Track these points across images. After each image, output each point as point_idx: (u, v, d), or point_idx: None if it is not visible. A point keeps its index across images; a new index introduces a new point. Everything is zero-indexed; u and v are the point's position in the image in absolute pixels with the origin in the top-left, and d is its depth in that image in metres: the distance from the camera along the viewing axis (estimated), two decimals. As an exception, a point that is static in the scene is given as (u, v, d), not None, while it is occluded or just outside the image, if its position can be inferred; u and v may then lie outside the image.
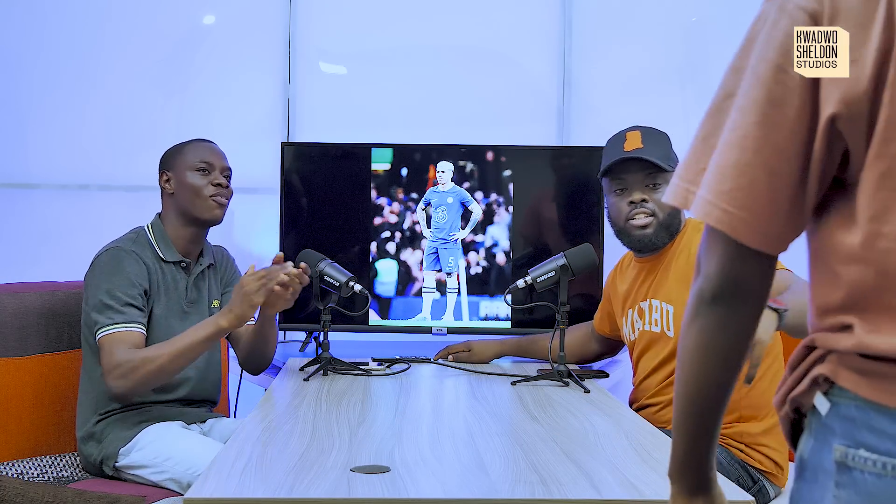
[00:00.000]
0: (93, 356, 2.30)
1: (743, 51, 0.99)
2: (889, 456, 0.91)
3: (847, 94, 0.92)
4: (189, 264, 2.42)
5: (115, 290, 2.24)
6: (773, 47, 0.95)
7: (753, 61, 0.97)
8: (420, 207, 2.95)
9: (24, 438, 2.35)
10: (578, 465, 1.53)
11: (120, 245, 2.33)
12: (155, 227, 2.41)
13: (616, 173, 2.30)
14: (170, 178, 2.43)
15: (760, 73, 0.96)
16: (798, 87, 0.94)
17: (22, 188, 3.26)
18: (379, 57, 3.34)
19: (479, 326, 2.95)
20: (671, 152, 2.32)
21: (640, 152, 2.25)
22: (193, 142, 2.49)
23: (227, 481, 1.42)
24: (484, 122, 3.29)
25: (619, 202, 2.31)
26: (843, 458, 0.94)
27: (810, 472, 0.99)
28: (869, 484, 0.92)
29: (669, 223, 2.29)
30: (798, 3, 0.95)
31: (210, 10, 3.36)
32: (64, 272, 2.63)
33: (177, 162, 2.44)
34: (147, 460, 2.21)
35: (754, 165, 0.95)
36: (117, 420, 2.28)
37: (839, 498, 0.94)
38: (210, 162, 2.43)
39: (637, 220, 2.28)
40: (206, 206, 2.40)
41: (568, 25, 3.32)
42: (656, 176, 2.27)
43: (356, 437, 1.71)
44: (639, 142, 2.27)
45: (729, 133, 0.97)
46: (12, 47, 3.26)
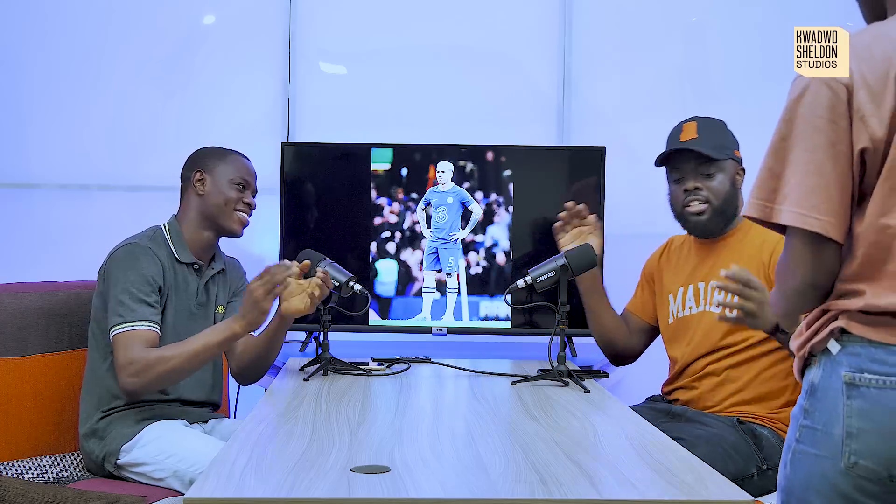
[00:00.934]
0: (99, 351, 2.30)
1: (791, 107, 1.44)
2: (887, 375, 1.38)
3: (872, 135, 1.40)
4: (201, 267, 2.43)
5: (130, 286, 2.25)
6: (824, 107, 1.41)
7: (808, 117, 1.42)
8: (420, 207, 2.95)
9: (24, 438, 2.35)
10: (578, 465, 1.53)
11: (137, 241, 2.34)
12: (171, 227, 2.42)
13: (672, 163, 2.42)
14: (204, 180, 2.43)
15: (818, 125, 1.41)
16: (845, 132, 1.41)
17: (22, 188, 3.26)
18: (379, 57, 3.34)
19: (479, 326, 2.95)
20: (727, 140, 2.41)
21: (692, 143, 2.36)
22: (236, 153, 2.50)
23: (227, 481, 1.42)
24: (484, 122, 3.29)
25: (676, 190, 2.43)
26: (851, 380, 1.40)
27: (821, 392, 1.44)
28: (873, 394, 1.38)
29: (724, 209, 2.38)
30: (839, 79, 1.42)
31: (210, 10, 3.36)
32: (64, 272, 2.63)
33: (217, 168, 2.44)
34: (149, 457, 2.21)
35: (830, 186, 1.40)
36: (120, 417, 2.28)
37: (850, 406, 1.39)
38: (248, 181, 2.47)
39: (692, 206, 2.39)
40: (232, 219, 2.43)
41: (568, 25, 3.32)
42: (710, 165, 2.37)
43: (356, 437, 1.71)
44: (694, 132, 2.39)
45: (804, 165, 1.41)
46: (13, 47, 3.27)
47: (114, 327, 2.22)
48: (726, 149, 2.39)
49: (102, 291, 2.30)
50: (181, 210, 2.46)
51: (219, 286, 2.48)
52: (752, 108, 2.93)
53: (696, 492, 1.40)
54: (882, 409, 1.37)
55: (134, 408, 2.30)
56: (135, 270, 2.27)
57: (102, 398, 2.30)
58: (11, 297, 2.37)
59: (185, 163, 2.50)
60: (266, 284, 2.18)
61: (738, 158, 2.42)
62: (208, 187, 2.42)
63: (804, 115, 1.42)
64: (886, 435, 1.37)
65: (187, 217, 2.44)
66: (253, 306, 2.18)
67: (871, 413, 1.38)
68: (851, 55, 1.44)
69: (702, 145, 2.36)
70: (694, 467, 1.53)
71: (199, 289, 2.41)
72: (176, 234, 2.41)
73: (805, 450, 1.46)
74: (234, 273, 2.55)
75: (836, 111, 1.41)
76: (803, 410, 1.46)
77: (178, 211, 2.47)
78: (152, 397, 2.32)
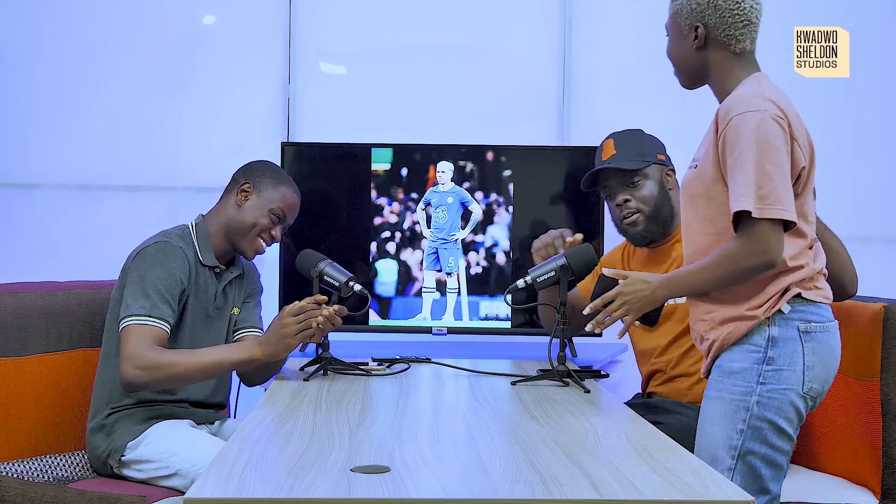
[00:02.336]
0: (115, 347, 2.29)
1: (753, 136, 1.84)
2: (824, 322, 1.93)
3: (805, 158, 1.92)
4: (222, 271, 2.42)
5: (158, 282, 2.24)
6: (779, 134, 1.85)
7: (771, 141, 1.84)
8: (420, 207, 2.95)
9: (25, 438, 2.35)
10: (578, 465, 1.53)
11: (169, 239, 2.33)
12: (199, 229, 2.41)
13: (601, 182, 2.50)
14: (249, 194, 2.41)
15: (778, 146, 1.85)
16: (792, 154, 1.88)
17: (22, 188, 3.27)
18: (379, 57, 3.34)
19: (479, 326, 2.95)
20: (645, 148, 2.46)
21: (612, 160, 2.44)
22: (291, 189, 2.47)
23: (227, 481, 1.42)
24: (484, 121, 3.29)
25: (611, 206, 2.52)
26: (805, 329, 1.90)
27: (782, 342, 1.89)
28: (820, 335, 1.92)
29: (656, 214, 2.44)
30: (779, 115, 1.86)
31: (210, 10, 3.36)
32: (64, 272, 2.63)
33: (269, 190, 2.42)
34: (153, 455, 2.22)
35: (789, 190, 1.86)
36: (128, 415, 2.29)
37: (808, 346, 1.90)
38: (287, 217, 2.45)
39: (627, 219, 2.45)
40: (251, 244, 2.42)
41: (568, 25, 3.32)
42: (634, 175, 2.44)
43: (356, 437, 1.71)
44: (612, 149, 2.46)
45: (778, 175, 1.84)
46: (13, 47, 3.27)
47: (130, 316, 2.20)
48: (645, 156, 2.44)
49: (125, 285, 2.28)
50: (214, 210, 2.45)
51: (235, 290, 2.48)
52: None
53: (696, 492, 1.40)
54: (824, 346, 1.92)
55: (142, 406, 2.31)
56: (165, 267, 2.27)
57: (113, 394, 2.30)
58: (11, 297, 2.37)
59: (243, 167, 2.48)
60: (301, 324, 2.19)
61: (661, 161, 2.46)
62: (249, 203, 2.41)
63: (767, 139, 1.84)
64: (827, 363, 1.93)
65: (216, 221, 2.42)
66: (280, 339, 2.20)
67: (818, 350, 1.91)
68: (774, 98, 1.88)
69: (619, 160, 2.43)
70: (694, 467, 1.53)
71: (217, 292, 2.41)
72: (203, 236, 2.40)
73: (772, 387, 1.89)
74: (251, 277, 2.55)
75: (785, 139, 1.86)
76: (767, 359, 1.90)
77: (211, 210, 2.45)
78: (160, 397, 2.32)
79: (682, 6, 2.00)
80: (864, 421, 2.20)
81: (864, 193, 3.33)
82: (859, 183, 3.33)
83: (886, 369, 2.16)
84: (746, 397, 1.89)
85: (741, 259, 1.85)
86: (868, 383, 2.20)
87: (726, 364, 1.94)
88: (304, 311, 2.21)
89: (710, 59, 1.98)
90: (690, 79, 2.04)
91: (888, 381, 2.16)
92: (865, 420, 2.20)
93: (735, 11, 1.95)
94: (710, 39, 1.97)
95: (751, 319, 1.91)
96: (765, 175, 1.82)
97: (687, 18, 1.99)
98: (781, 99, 1.91)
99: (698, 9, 1.97)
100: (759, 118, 1.84)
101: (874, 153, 3.35)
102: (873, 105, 3.33)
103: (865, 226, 3.31)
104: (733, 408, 1.91)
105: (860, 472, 2.22)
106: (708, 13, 1.96)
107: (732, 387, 1.92)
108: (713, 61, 1.98)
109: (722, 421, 1.92)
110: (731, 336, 1.93)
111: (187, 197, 3.21)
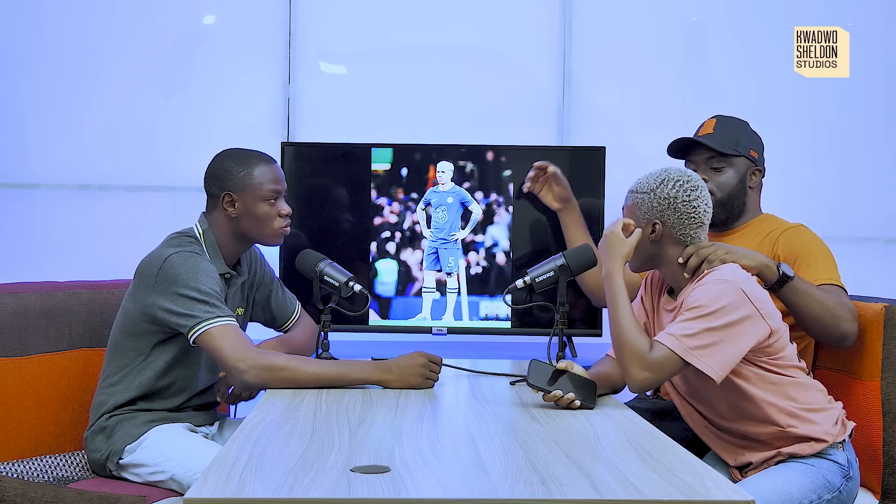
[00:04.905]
0: (125, 353, 2.28)
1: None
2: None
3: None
4: (232, 277, 2.40)
5: (204, 287, 2.20)
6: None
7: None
8: (420, 207, 2.95)
9: (24, 438, 2.35)
10: (578, 465, 1.53)
11: (185, 249, 2.27)
12: (207, 237, 2.35)
13: (689, 155, 2.50)
14: (234, 202, 2.33)
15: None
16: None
17: (22, 188, 3.27)
18: (379, 57, 3.34)
19: (479, 326, 2.95)
20: (742, 139, 2.46)
21: (706, 138, 2.45)
22: (261, 163, 2.37)
23: (227, 481, 1.42)
24: (484, 122, 3.29)
25: None
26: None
27: (852, 462, 2.10)
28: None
29: (727, 202, 2.43)
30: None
31: (210, 10, 3.36)
32: (64, 272, 2.63)
33: (245, 187, 2.33)
34: (149, 459, 2.21)
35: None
36: (128, 418, 2.29)
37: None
38: (279, 190, 2.37)
39: None
40: (272, 235, 2.38)
41: (568, 25, 3.32)
42: (720, 160, 2.43)
43: (356, 437, 1.71)
44: (711, 128, 2.47)
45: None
46: (12, 47, 3.27)
47: (202, 322, 2.16)
48: (739, 146, 2.44)
49: (168, 299, 2.21)
50: (213, 223, 2.37)
51: (245, 291, 2.47)
52: (751, 108, 2.94)
53: (696, 492, 1.40)
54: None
55: (142, 410, 2.30)
56: (204, 273, 2.23)
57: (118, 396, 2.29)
58: (11, 297, 2.37)
59: (209, 175, 2.39)
60: (431, 373, 2.25)
61: (753, 158, 2.45)
62: (240, 210, 2.34)
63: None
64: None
65: (221, 231, 2.37)
66: (416, 376, 2.24)
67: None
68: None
69: (713, 140, 2.43)
70: (694, 467, 1.53)
71: (229, 298, 2.39)
72: (211, 243, 2.35)
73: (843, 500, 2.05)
74: (257, 270, 2.52)
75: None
76: (848, 478, 2.05)
77: (210, 222, 2.37)
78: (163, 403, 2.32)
79: (642, 202, 2.10)
80: (865, 421, 2.20)
81: (864, 193, 3.34)
82: (859, 183, 3.33)
83: (887, 369, 2.16)
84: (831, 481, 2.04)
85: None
86: (868, 383, 2.20)
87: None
88: (437, 365, 2.27)
89: (664, 251, 2.10)
90: (642, 266, 2.16)
91: (889, 381, 2.16)
92: (865, 420, 2.20)
93: (692, 214, 2.07)
94: (665, 236, 2.09)
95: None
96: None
97: (647, 214, 2.10)
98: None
99: (659, 207, 2.08)
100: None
101: (874, 153, 3.35)
102: (873, 105, 3.33)
103: (865, 226, 3.31)
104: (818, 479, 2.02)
105: (860, 471, 2.22)
106: (668, 213, 2.08)
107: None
108: (667, 255, 2.10)
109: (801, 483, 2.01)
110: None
111: (187, 197, 3.21)
